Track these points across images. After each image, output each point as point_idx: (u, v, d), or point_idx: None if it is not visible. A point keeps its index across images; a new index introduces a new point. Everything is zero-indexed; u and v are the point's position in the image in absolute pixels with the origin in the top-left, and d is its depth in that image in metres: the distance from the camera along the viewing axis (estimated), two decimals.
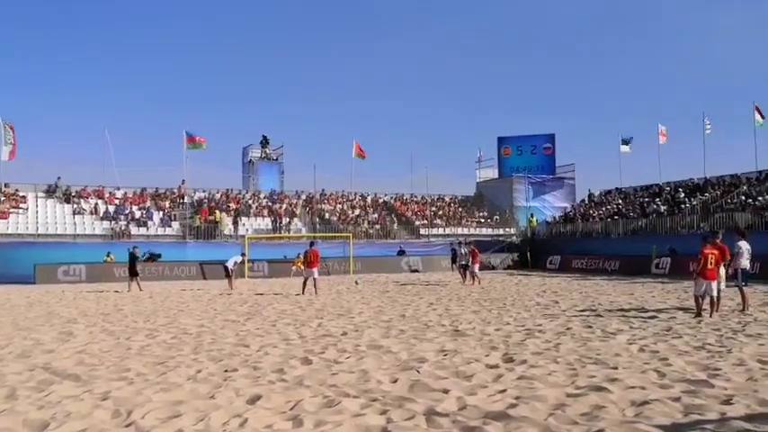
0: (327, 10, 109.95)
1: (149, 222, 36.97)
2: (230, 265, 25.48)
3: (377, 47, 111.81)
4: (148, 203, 39.27)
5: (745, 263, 14.82)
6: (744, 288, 14.70)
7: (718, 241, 14.35)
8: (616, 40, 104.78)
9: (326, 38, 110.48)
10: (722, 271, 14.55)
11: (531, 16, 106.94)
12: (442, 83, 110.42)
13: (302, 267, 31.38)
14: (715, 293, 13.73)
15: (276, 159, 51.36)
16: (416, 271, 35.63)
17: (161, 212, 38.40)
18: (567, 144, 73.53)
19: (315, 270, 21.89)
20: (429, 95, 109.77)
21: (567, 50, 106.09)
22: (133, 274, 24.68)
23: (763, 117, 35.23)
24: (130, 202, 38.70)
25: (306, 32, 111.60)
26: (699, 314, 13.72)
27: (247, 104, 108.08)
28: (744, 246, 14.91)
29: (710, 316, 13.56)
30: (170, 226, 37.29)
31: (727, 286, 14.85)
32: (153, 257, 32.03)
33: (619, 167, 43.79)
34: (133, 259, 25.01)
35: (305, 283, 22.07)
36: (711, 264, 13.57)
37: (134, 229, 35.88)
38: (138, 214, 37.46)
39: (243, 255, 28.36)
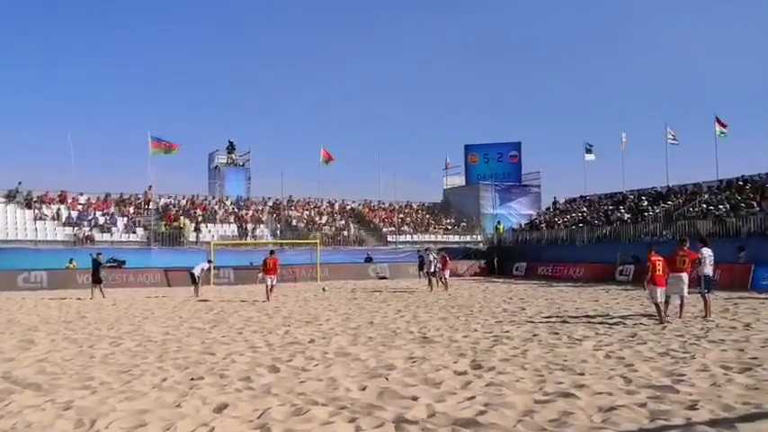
0: (291, 16, 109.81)
1: (113, 228, 36.40)
2: (197, 272, 25.20)
3: (343, 52, 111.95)
4: (112, 209, 38.67)
5: (708, 270, 15.08)
6: (707, 295, 14.95)
7: (686, 247, 14.91)
8: (581, 49, 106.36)
9: (292, 42, 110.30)
10: (685, 276, 14.78)
11: (497, 25, 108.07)
12: (409, 90, 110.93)
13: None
14: (661, 299, 14.11)
15: (243, 165, 50.99)
16: (384, 278, 35.60)
17: (125, 218, 37.85)
18: (532, 152, 74.19)
19: (273, 277, 22.57)
20: (396, 102, 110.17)
21: (533, 59, 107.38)
22: (96, 280, 24.26)
23: (724, 126, 35.92)
24: (94, 208, 38.07)
25: (271, 37, 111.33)
26: (661, 320, 13.93)
27: (213, 109, 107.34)
28: (707, 253, 15.17)
29: (679, 317, 14.09)
30: (134, 232, 36.77)
31: (689, 293, 15.08)
32: (117, 264, 31.54)
33: (583, 175, 44.65)
34: (97, 266, 24.59)
35: (266, 290, 22.36)
36: (659, 270, 14.04)
37: (98, 236, 35.28)
38: (101, 220, 36.86)
39: (209, 262, 28.07)
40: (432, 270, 26.65)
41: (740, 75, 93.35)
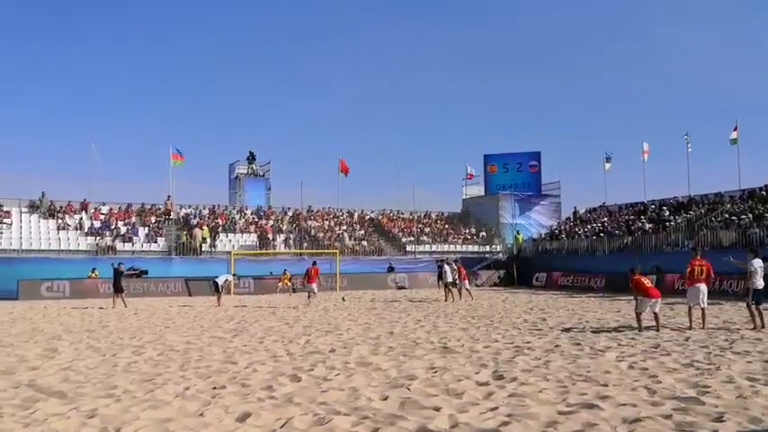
0: (313, 29, 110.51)
1: (135, 238, 36.71)
2: (221, 281, 25.42)
3: (364, 63, 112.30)
4: (134, 219, 39.01)
5: (759, 282, 14.58)
6: (758, 307, 14.60)
7: (698, 257, 15.33)
8: (600, 58, 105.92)
9: (312, 54, 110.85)
10: (704, 287, 14.93)
11: (516, 35, 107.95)
12: (428, 100, 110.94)
13: (289, 284, 31.50)
14: (657, 308, 14.74)
15: (263, 175, 51.25)
16: (403, 288, 35.57)
17: (146, 228, 38.16)
18: (552, 162, 73.86)
19: (313, 285, 24.55)
20: (416, 112, 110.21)
21: (553, 69, 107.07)
22: (118, 290, 24.47)
23: (736, 132, 35.71)
24: (116, 218, 38.43)
25: (291, 48, 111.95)
26: (641, 329, 14.50)
27: (234, 120, 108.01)
28: (757, 264, 14.74)
29: (657, 330, 14.37)
30: (155, 242, 37.05)
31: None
32: (137, 273, 31.79)
33: (604, 185, 44.29)
34: (118, 275, 24.80)
35: (309, 296, 24.41)
36: (650, 284, 15.22)
37: (119, 245, 35.60)
38: (123, 230, 37.19)
39: (234, 275, 28.39)
40: (449, 281, 26.44)
41: (762, 82, 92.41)
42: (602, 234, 37.12)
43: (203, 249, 36.96)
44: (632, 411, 7.07)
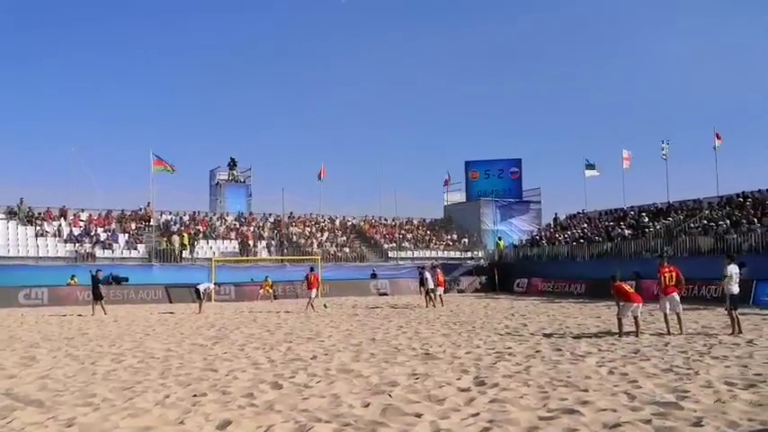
0: (293, 36, 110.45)
1: (114, 245, 36.40)
2: (202, 288, 25.34)
3: (344, 69, 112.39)
4: (114, 226, 38.70)
5: (734, 288, 14.74)
6: (733, 312, 14.79)
7: (666, 263, 15.63)
8: (583, 67, 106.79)
9: (292, 60, 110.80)
10: (677, 296, 15.18)
11: (497, 42, 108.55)
12: (410, 106, 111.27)
13: (270, 290, 31.40)
14: (639, 313, 15.00)
15: (244, 182, 51.15)
16: (385, 294, 35.57)
17: (126, 235, 37.87)
18: (533, 168, 74.43)
19: (314, 291, 25.25)
20: (398, 119, 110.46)
21: (534, 76, 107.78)
22: (97, 297, 24.23)
23: (719, 139, 36.16)
24: (95, 224, 38.10)
25: (271, 55, 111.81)
26: (621, 334, 14.69)
27: (215, 127, 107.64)
28: (733, 270, 14.88)
29: (637, 336, 14.49)
30: (136, 249, 36.77)
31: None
32: (114, 281, 31.55)
33: (584, 192, 44.51)
34: (96, 282, 24.53)
35: (310, 302, 24.77)
36: (630, 289, 15.43)
37: (99, 252, 35.29)
38: (103, 237, 36.88)
39: (215, 284, 28.31)
40: (431, 287, 26.63)
41: (739, 90, 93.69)
42: (582, 240, 37.38)
43: (183, 256, 36.73)
44: (612, 416, 7.12)
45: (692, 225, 31.88)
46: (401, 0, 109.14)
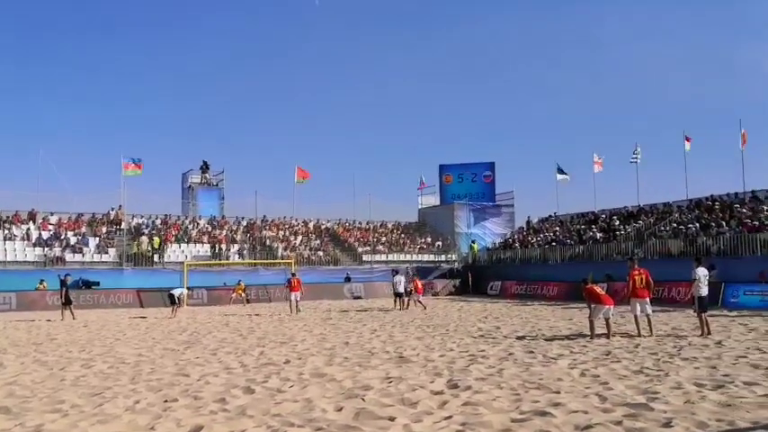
0: (267, 39, 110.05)
1: (85, 249, 35.91)
2: (176, 294, 25.18)
3: (318, 73, 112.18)
4: (84, 229, 38.18)
5: (703, 291, 15.00)
6: (702, 315, 15.04)
7: (636, 266, 15.77)
8: (555, 72, 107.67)
9: (265, 63, 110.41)
10: (646, 299, 15.33)
11: (470, 46, 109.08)
12: (384, 110, 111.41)
13: (243, 294, 31.16)
14: (610, 315, 15.12)
15: (216, 185, 50.80)
16: (360, 297, 35.53)
17: (97, 239, 37.37)
18: (506, 172, 74.84)
19: (297, 293, 25.44)
20: (371, 122, 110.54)
21: (507, 81, 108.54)
22: (66, 302, 23.87)
23: (688, 141, 36.64)
24: (65, 228, 37.56)
25: (245, 59, 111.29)
26: (593, 336, 14.88)
27: (188, 129, 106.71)
28: (701, 273, 15.13)
29: (608, 338, 14.65)
30: (107, 252, 36.29)
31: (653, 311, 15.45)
32: (87, 285, 31.14)
33: (556, 195, 44.89)
34: (65, 287, 24.15)
35: (291, 305, 25.16)
36: (602, 292, 15.60)
37: (69, 256, 34.77)
38: (73, 240, 36.37)
39: (188, 289, 28.05)
40: (399, 291, 26.79)
41: (708, 96, 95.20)
42: (554, 243, 37.69)
43: (155, 260, 36.34)
44: (584, 418, 7.17)
45: (662, 228, 32.30)
46: (375, 4, 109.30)
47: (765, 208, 28.17)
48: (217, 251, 39.01)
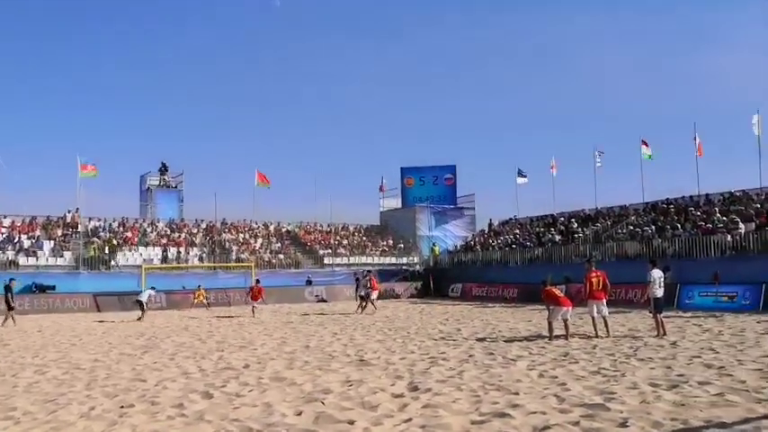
0: (227, 39, 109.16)
1: (39, 252, 35.10)
2: (144, 298, 24.79)
3: (279, 74, 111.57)
4: (38, 232, 37.36)
5: (658, 291, 15.25)
6: (658, 316, 15.33)
7: (593, 268, 16.06)
8: (515, 76, 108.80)
9: (225, 64, 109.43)
10: (602, 302, 15.64)
11: (430, 50, 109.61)
12: (345, 113, 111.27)
13: (204, 299, 30.71)
14: (569, 316, 15.40)
15: (175, 187, 50.21)
16: (323, 301, 35.39)
17: (52, 242, 36.57)
18: (467, 175, 75.38)
19: (260, 300, 26.24)
20: (331, 125, 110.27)
21: (468, 84, 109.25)
22: (9, 307, 22.98)
23: (647, 146, 37.21)
24: (19, 231, 36.69)
25: (205, 58, 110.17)
26: (552, 337, 15.10)
27: (146, 131, 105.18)
28: (656, 274, 15.39)
29: (566, 339, 14.88)
30: (62, 256, 35.53)
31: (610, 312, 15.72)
32: (41, 289, 30.45)
33: (516, 198, 45.30)
34: (8, 292, 23.30)
35: (253, 309, 25.74)
36: (560, 294, 15.85)
37: (22, 260, 33.95)
38: (27, 244, 35.53)
39: (153, 288, 27.54)
40: (362, 294, 26.86)
41: (664, 101, 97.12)
42: (514, 246, 38.04)
43: (111, 264, 35.69)
44: (542, 419, 7.25)
45: (619, 231, 32.85)
46: (334, 8, 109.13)
47: (719, 210, 28.83)
48: (176, 254, 38.48)
